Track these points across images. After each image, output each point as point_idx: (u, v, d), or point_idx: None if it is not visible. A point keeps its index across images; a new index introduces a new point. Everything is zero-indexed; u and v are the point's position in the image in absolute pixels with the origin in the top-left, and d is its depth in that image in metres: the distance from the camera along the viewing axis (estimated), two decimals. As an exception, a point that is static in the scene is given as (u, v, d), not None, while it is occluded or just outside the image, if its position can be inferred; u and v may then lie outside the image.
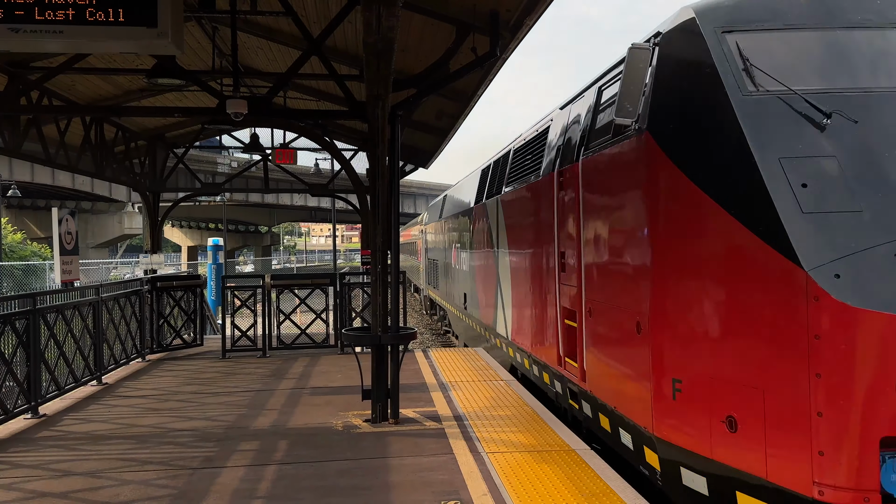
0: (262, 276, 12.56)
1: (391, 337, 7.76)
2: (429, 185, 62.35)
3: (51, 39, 5.27)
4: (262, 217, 69.48)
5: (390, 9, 6.24)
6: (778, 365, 4.52)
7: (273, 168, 18.19)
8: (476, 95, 11.52)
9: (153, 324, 12.23)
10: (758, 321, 4.67)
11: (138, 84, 12.17)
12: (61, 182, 39.76)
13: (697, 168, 5.13)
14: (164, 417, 8.03)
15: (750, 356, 4.69)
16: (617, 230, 6.37)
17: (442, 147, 16.66)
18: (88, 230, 52.52)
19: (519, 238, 10.29)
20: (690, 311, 5.21)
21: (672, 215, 5.40)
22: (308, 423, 7.66)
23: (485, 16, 8.76)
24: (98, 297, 9.89)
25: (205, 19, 10.18)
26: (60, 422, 7.96)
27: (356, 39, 10.24)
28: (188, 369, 11.09)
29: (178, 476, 5.97)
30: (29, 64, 10.34)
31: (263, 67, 12.92)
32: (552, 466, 6.03)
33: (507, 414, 7.84)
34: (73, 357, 9.11)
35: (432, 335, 24.74)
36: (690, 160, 5.20)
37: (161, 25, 5.26)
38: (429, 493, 5.46)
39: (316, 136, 13.87)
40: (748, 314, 4.75)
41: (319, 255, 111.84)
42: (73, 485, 5.82)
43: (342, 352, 12.28)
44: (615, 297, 6.38)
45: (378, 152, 7.66)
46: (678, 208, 5.32)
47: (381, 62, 7.04)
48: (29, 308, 7.95)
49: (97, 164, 13.59)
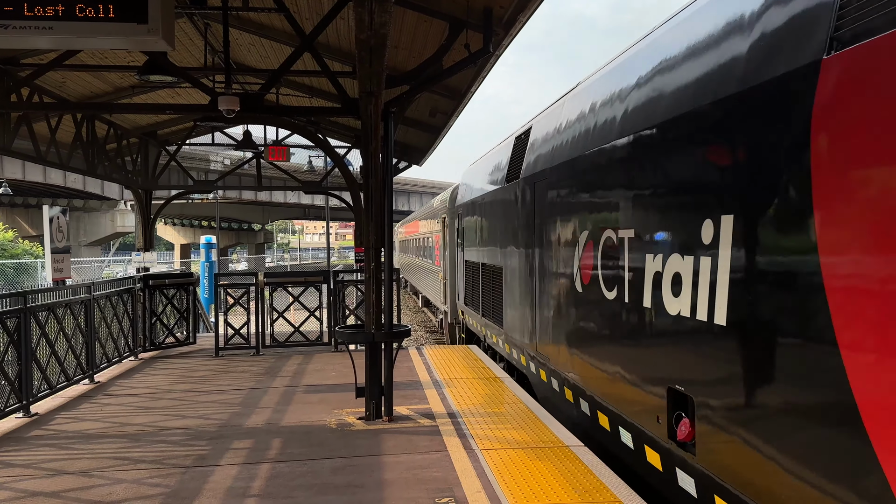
0: (256, 273, 12.53)
1: (385, 334, 7.75)
2: (423, 182, 62.29)
3: (40, 36, 5.22)
4: (255, 215, 69.32)
5: (382, 5, 6.21)
6: None
7: (266, 165, 18.14)
8: (470, 92, 11.49)
9: (146, 322, 12.18)
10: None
11: (130, 81, 12.09)
12: (53, 180, 39.58)
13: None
14: (157, 416, 7.99)
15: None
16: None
17: (436, 144, 16.61)
18: (80, 228, 52.28)
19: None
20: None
21: None
22: (302, 420, 7.64)
23: (478, 12, 8.73)
24: (90, 295, 9.84)
25: (196, 15, 10.12)
26: (52, 421, 7.92)
27: (349, 36, 10.20)
28: (181, 367, 11.05)
29: (170, 475, 5.94)
30: (19, 61, 10.27)
31: (256, 64, 12.86)
32: (546, 463, 6.03)
33: (502, 411, 7.84)
34: (65, 356, 9.07)
35: (426, 333, 24.71)
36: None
37: (152, 22, 5.22)
38: (423, 490, 5.45)
39: (309, 133, 13.78)
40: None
41: (313, 253, 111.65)
42: (65, 484, 5.79)
43: (336, 349, 12.27)
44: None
45: (371, 149, 7.64)
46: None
47: (374, 58, 7.02)
48: (20, 307, 7.91)
49: (89, 161, 13.51)
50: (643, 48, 6.22)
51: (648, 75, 5.74)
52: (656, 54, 5.74)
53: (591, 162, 6.83)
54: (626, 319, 5.95)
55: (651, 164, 5.45)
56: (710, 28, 4.86)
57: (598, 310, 6.66)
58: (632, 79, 6.12)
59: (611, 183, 6.32)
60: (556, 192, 8.03)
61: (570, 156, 7.52)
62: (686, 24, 5.37)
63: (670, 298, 5.07)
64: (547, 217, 8.39)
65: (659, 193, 5.33)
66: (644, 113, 5.63)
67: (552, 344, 8.22)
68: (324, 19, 7.95)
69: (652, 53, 5.87)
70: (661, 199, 5.30)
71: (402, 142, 17.28)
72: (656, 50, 5.80)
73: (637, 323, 5.70)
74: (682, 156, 4.96)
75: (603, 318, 6.54)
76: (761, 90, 4.03)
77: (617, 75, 6.67)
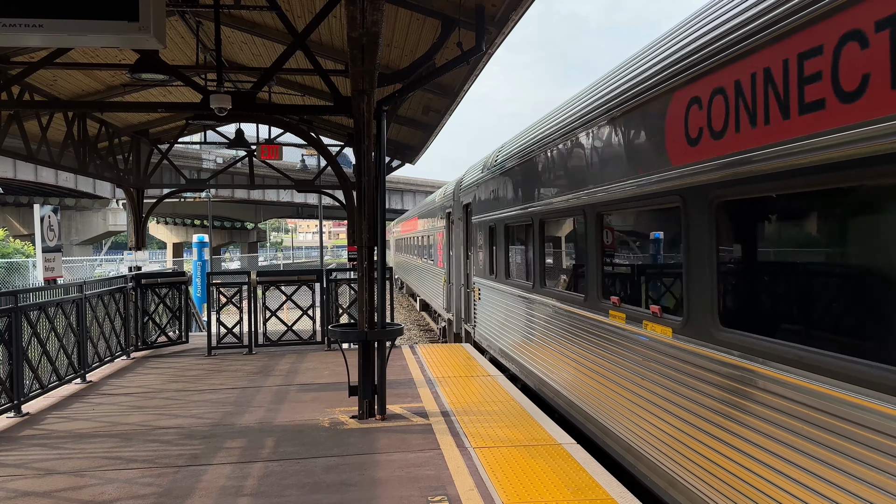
0: (248, 272, 12.50)
1: (377, 333, 7.75)
2: (416, 181, 62.23)
3: (30, 33, 5.18)
4: (248, 213, 69.10)
5: (374, 3, 6.20)
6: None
7: (258, 164, 18.09)
8: (462, 90, 11.50)
9: (138, 321, 12.13)
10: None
11: (121, 79, 12.04)
12: (44, 178, 39.33)
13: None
14: (149, 415, 7.97)
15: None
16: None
17: (429, 142, 16.62)
18: (72, 227, 51.98)
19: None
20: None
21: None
22: (294, 419, 7.63)
23: (470, 10, 8.73)
24: (82, 294, 9.79)
25: (188, 13, 10.09)
26: (44, 420, 7.89)
27: (341, 34, 10.18)
28: (173, 367, 11.01)
29: (163, 474, 5.92)
30: (9, 59, 10.22)
31: (248, 62, 12.82)
32: (539, 461, 6.04)
33: (495, 409, 7.85)
34: (56, 355, 9.02)
35: (420, 331, 24.71)
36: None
37: (143, 19, 5.18)
38: (416, 488, 5.45)
39: (301, 131, 13.78)
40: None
41: (307, 252, 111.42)
42: (56, 483, 5.77)
43: (329, 348, 12.25)
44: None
45: (364, 148, 7.63)
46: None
47: (366, 57, 7.01)
48: (10, 306, 7.87)
49: (80, 160, 13.45)
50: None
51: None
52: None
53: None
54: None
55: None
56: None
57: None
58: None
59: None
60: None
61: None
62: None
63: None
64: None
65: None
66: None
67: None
68: (316, 17, 7.93)
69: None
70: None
71: (395, 140, 17.26)
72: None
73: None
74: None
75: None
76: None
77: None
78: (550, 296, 8.36)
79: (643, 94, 5.59)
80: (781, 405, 3.82)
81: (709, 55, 4.59)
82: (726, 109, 4.38)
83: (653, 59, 5.56)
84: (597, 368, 6.69)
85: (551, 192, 8.24)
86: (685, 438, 4.88)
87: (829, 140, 3.45)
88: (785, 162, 3.78)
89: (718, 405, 4.45)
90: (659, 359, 5.34)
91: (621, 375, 6.07)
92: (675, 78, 5.06)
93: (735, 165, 4.26)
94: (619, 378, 6.11)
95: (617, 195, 6.16)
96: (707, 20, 4.76)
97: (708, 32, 4.65)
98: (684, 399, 4.90)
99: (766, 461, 3.94)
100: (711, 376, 4.56)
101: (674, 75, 5.07)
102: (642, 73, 5.68)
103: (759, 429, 4.02)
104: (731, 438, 4.30)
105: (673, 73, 5.09)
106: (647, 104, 5.55)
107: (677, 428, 5.00)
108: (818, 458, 3.53)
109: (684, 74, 4.91)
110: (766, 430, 3.94)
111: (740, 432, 4.20)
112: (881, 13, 3.12)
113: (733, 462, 4.27)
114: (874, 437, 3.20)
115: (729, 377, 4.35)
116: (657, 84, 5.36)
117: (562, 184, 7.86)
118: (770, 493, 3.91)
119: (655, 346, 5.40)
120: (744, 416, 4.17)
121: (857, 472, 3.29)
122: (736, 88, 4.28)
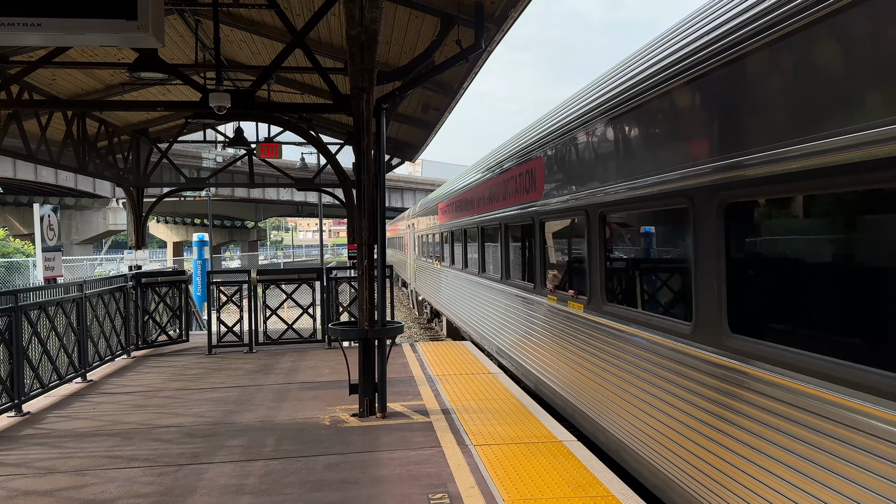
0: (248, 271, 12.50)
1: (378, 331, 7.75)
2: (416, 179, 62.20)
3: (28, 32, 5.18)
4: (248, 212, 69.06)
5: (373, 1, 6.19)
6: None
7: (258, 162, 18.06)
8: (462, 88, 11.49)
9: (138, 320, 12.14)
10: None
11: (120, 78, 12.03)
12: (44, 178, 39.32)
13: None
14: (150, 414, 7.97)
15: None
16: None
17: (428, 140, 16.61)
18: (72, 226, 51.97)
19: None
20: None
21: None
22: (295, 418, 7.63)
23: (469, 8, 8.72)
24: (82, 293, 9.79)
25: (187, 12, 10.07)
26: (45, 419, 7.89)
27: (340, 32, 10.17)
28: (174, 365, 11.02)
29: (164, 473, 5.93)
30: (8, 58, 10.20)
31: (247, 61, 12.81)
32: (539, 458, 6.04)
33: (495, 406, 7.85)
34: (57, 354, 9.03)
35: (420, 329, 24.72)
36: None
37: (141, 18, 5.18)
38: (417, 486, 5.45)
39: (301, 129, 13.78)
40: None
41: (307, 250, 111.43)
42: (57, 483, 5.77)
43: (329, 346, 12.25)
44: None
45: (363, 146, 7.62)
46: None
47: (365, 55, 7.00)
48: (11, 305, 7.87)
49: (80, 159, 13.43)
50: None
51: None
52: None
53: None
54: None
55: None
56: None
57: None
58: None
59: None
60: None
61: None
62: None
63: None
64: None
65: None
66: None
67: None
68: (315, 15, 7.92)
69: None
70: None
71: (395, 138, 17.25)
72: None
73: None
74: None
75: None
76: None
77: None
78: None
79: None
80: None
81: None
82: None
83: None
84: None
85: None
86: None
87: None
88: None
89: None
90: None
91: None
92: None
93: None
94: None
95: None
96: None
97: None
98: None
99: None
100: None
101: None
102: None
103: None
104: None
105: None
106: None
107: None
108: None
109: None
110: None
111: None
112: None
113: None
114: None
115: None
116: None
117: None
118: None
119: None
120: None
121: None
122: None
